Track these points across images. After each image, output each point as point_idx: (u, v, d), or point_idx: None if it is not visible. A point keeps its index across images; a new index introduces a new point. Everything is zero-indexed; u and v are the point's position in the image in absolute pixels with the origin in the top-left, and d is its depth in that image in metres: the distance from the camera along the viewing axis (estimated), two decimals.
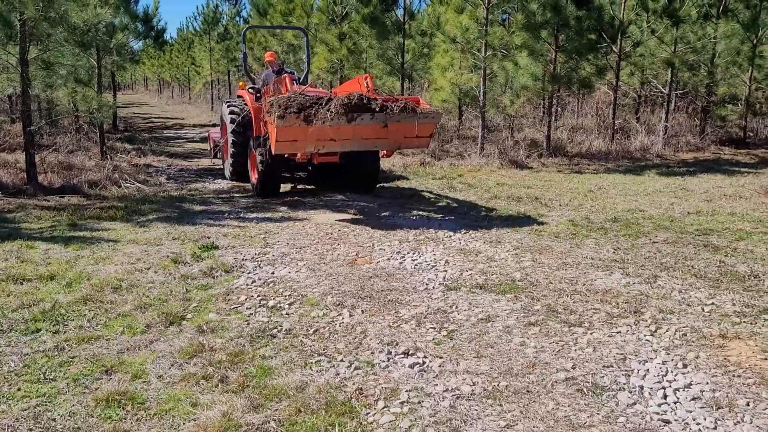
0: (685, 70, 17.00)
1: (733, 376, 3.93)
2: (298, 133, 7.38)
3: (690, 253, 6.73)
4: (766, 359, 4.18)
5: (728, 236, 7.45)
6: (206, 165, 13.72)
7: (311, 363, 4.08)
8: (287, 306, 5.10)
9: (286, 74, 9.85)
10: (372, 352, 4.26)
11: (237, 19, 34.73)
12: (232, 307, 5.07)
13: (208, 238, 7.17)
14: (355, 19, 17.64)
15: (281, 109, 7.22)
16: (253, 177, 9.91)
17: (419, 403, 3.59)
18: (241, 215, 8.51)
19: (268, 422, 3.34)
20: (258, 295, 5.32)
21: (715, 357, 4.21)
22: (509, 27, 15.75)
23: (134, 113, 32.06)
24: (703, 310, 5.05)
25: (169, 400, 3.59)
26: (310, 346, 4.34)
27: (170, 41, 44.45)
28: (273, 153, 8.02)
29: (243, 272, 5.96)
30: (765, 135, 18.52)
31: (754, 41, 16.09)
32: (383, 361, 4.13)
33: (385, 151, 8.69)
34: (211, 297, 5.28)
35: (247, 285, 5.59)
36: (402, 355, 4.21)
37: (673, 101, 18.01)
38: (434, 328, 4.67)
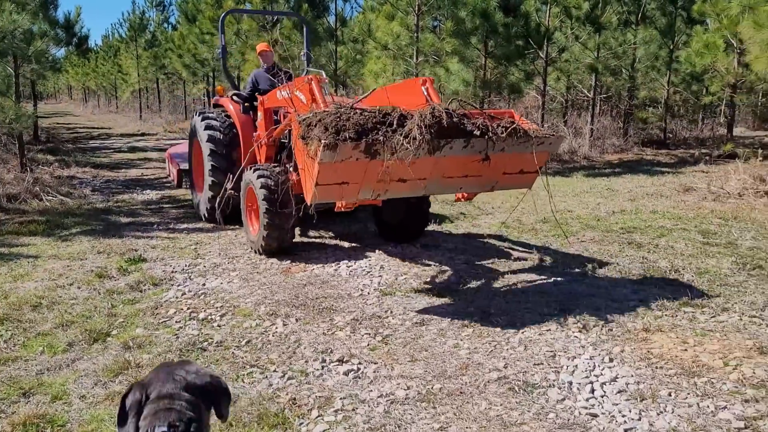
0: (608, 75, 17.66)
1: (656, 368, 4.08)
2: (353, 171, 4.61)
3: (615, 250, 6.97)
4: (686, 350, 4.36)
5: (650, 233, 7.76)
6: (135, 175, 13.29)
7: (243, 375, 3.99)
8: (219, 318, 4.97)
9: (312, 75, 5.92)
10: (306, 361, 4.20)
11: (165, 25, 34.00)
12: (161, 321, 4.91)
13: (136, 250, 6.93)
14: (286, 26, 17.51)
15: (329, 133, 4.38)
16: (252, 226, 6.87)
17: (353, 410, 3.56)
18: (171, 226, 8.27)
19: None
20: (188, 308, 5.17)
21: (639, 350, 4.35)
22: (440, 34, 15.99)
23: (58, 123, 30.77)
24: (628, 305, 5.23)
25: (91, 421, 3.44)
26: (242, 358, 4.24)
27: (95, 48, 43.03)
28: (309, 202, 4.86)
29: (172, 285, 5.78)
30: (683, 136, 19.45)
31: (671, 47, 16.88)
32: (317, 369, 4.08)
33: (465, 194, 5.78)
34: (138, 311, 5.10)
35: (176, 298, 5.43)
36: (336, 363, 4.17)
37: (598, 105, 18.67)
38: (369, 334, 4.65)
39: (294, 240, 6.83)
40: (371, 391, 3.79)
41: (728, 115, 17.29)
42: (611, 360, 4.18)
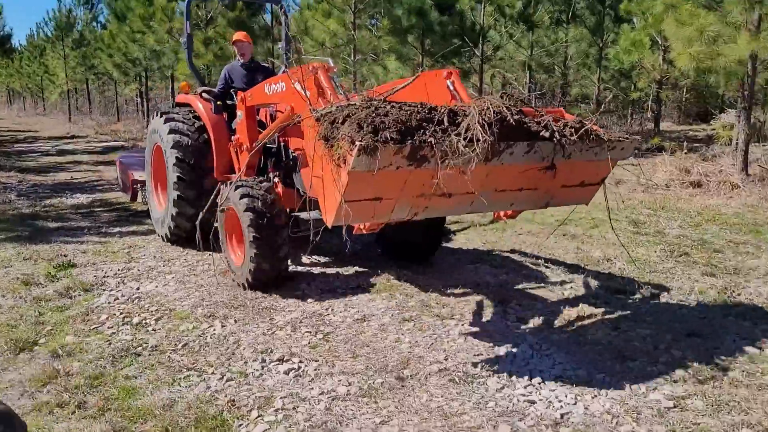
0: (541, 72, 18.12)
1: (591, 353, 4.19)
2: (390, 183, 3.57)
3: (551, 242, 7.14)
4: (619, 335, 4.50)
5: (584, 225, 7.99)
6: (64, 179, 12.78)
7: (180, 379, 3.88)
8: (154, 322, 4.82)
9: (317, 63, 4.66)
10: (245, 362, 4.12)
11: (94, 24, 32.82)
12: (92, 327, 4.73)
13: (65, 256, 6.66)
14: (220, 24, 17.20)
15: (364, 132, 3.36)
16: (234, 253, 5.70)
17: (294, 408, 3.51)
18: (103, 230, 7.98)
19: None
20: (121, 313, 4.99)
21: (575, 338, 4.47)
22: (377, 32, 16.03)
23: None
24: (563, 294, 5.37)
25: None
26: (179, 362, 4.13)
27: (19, 48, 41.17)
28: (331, 224, 3.70)
29: (104, 290, 5.58)
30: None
31: (600, 45, 17.44)
32: (257, 369, 4.01)
33: (509, 212, 4.61)
34: (67, 319, 4.89)
35: (108, 303, 5.24)
36: (277, 362, 4.11)
37: (533, 102, 19.13)
38: (310, 332, 4.60)
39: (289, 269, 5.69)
40: (312, 388, 3.75)
41: (655, 110, 18.01)
42: (548, 348, 4.27)
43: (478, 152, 3.42)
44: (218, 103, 6.65)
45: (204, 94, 6.84)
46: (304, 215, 5.55)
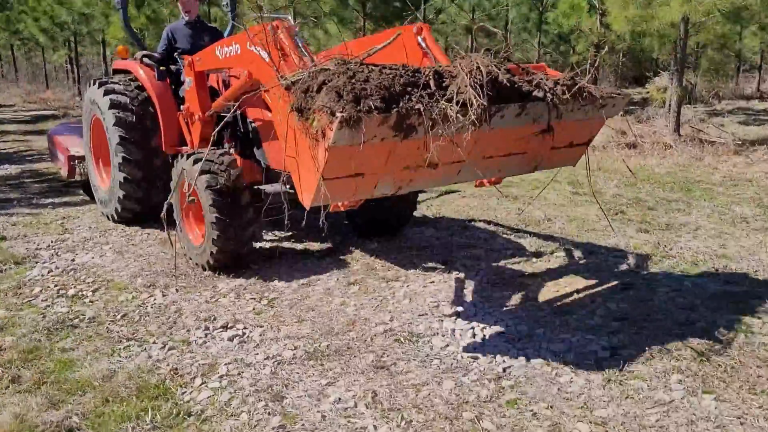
0: (483, 37, 18.16)
1: (532, 309, 4.30)
2: (373, 157, 3.27)
3: (494, 204, 7.24)
4: (558, 291, 4.62)
5: (526, 187, 8.13)
6: None
7: (120, 349, 3.79)
8: (91, 293, 4.68)
9: (276, 22, 4.09)
10: (188, 330, 4.05)
11: None
12: (25, 300, 4.55)
13: None
14: None
15: (344, 101, 2.98)
16: (191, 233, 5.26)
17: (239, 374, 3.48)
18: (34, 201, 7.64)
19: (70, 417, 3.04)
20: (56, 285, 4.82)
21: (517, 294, 4.57)
22: None
23: None
24: (506, 253, 5.47)
25: None
26: (118, 332, 4.02)
27: None
28: (308, 204, 3.36)
29: (37, 262, 5.36)
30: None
31: (540, 8, 17.58)
32: (200, 337, 3.94)
33: (493, 179, 4.28)
34: None
35: (42, 276, 5.04)
36: (221, 329, 4.05)
37: None
38: (254, 299, 4.55)
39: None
40: (257, 354, 3.72)
41: (593, 73, 18.34)
42: (490, 305, 4.36)
43: (474, 118, 3.10)
44: (161, 68, 6.09)
45: (145, 59, 6.21)
46: (268, 188, 5.09)
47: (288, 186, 4.70)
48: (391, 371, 3.49)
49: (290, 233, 6.10)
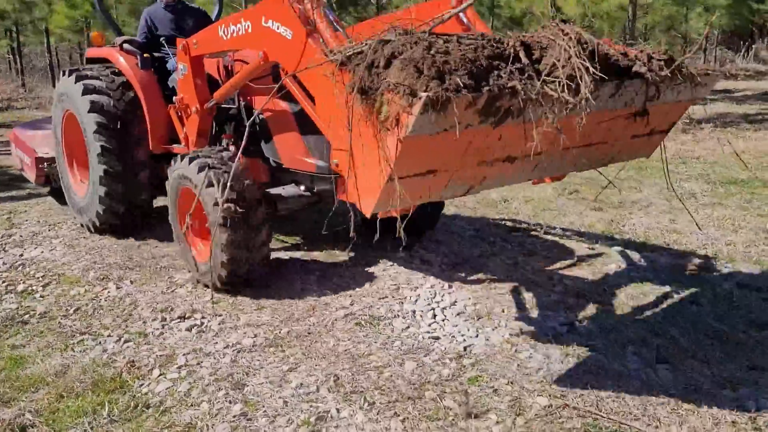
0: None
1: (491, 289, 4.34)
2: (449, 148, 2.68)
3: None
4: (516, 269, 4.68)
5: None
6: None
7: (73, 344, 3.68)
8: (41, 288, 4.53)
9: None
10: (144, 322, 3.96)
11: None
12: None
13: None
14: None
15: (427, 77, 2.39)
16: (195, 247, 4.56)
17: (198, 364, 3.43)
18: None
19: (23, 415, 2.95)
20: (3, 281, 4.65)
21: (476, 275, 4.60)
22: None
23: None
24: (465, 236, 5.51)
25: None
26: (71, 327, 3.91)
27: None
28: (370, 212, 2.82)
29: None
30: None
31: None
32: (157, 329, 3.86)
33: (555, 175, 3.70)
34: None
35: None
36: (178, 320, 3.98)
37: None
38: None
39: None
40: (217, 343, 3.67)
41: None
42: (450, 286, 4.39)
43: (588, 98, 2.51)
44: (145, 55, 5.37)
45: (126, 45, 5.48)
46: (283, 191, 4.51)
47: (302, 187, 4.43)
48: (352, 354, 3.48)
49: None
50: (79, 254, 5.25)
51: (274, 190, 4.51)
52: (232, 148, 4.61)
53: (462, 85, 2.39)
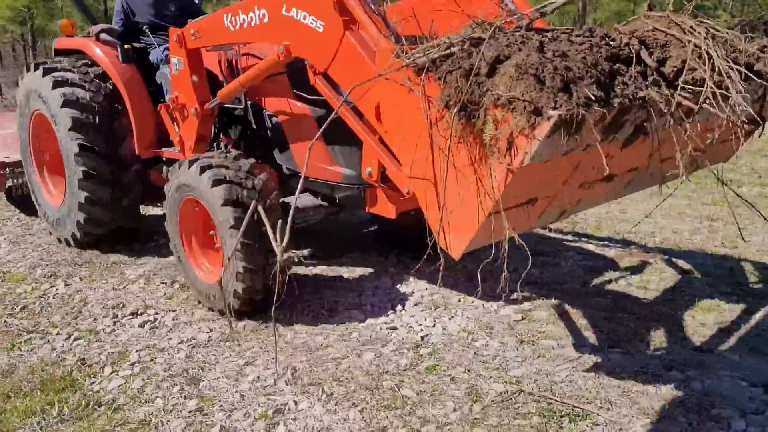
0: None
1: (446, 278, 4.37)
2: (558, 173, 2.36)
3: None
4: (471, 260, 4.72)
5: None
6: None
7: (20, 343, 3.56)
8: None
9: None
10: (95, 319, 3.86)
11: None
12: None
13: None
14: None
15: (553, 88, 1.92)
16: (199, 267, 4.00)
17: (152, 360, 3.36)
18: None
19: None
20: None
21: (432, 265, 4.62)
22: None
23: None
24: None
25: None
26: (18, 326, 3.78)
27: None
28: (461, 250, 2.55)
29: None
30: None
31: None
32: (108, 326, 3.77)
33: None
34: None
35: None
36: (130, 316, 3.89)
37: None
38: (165, 284, 4.40)
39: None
40: (171, 338, 3.60)
41: None
42: (408, 278, 4.40)
43: (745, 108, 2.09)
44: (126, 47, 4.71)
45: (103, 35, 4.81)
46: (299, 200, 3.77)
47: (319, 197, 3.96)
48: (310, 347, 3.47)
49: None
50: (25, 251, 5.08)
51: (287, 199, 3.86)
52: (233, 152, 3.97)
53: (593, 97, 1.95)
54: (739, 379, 3.05)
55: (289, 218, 2.55)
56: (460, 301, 4.02)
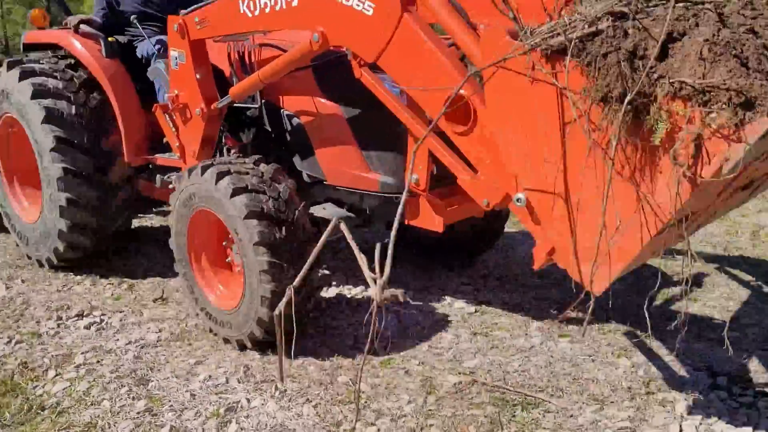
0: None
1: (403, 274, 4.39)
2: (724, 182, 1.73)
3: None
4: (425, 257, 4.75)
5: None
6: None
7: None
8: None
9: None
10: (38, 322, 3.73)
11: None
12: None
13: None
14: None
15: (761, 73, 1.54)
16: (212, 291, 3.46)
17: (98, 362, 3.26)
18: None
19: None
20: None
21: (385, 260, 4.62)
22: None
23: None
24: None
25: None
26: None
27: None
28: (606, 284, 2.03)
29: None
30: None
31: None
32: (52, 328, 3.65)
33: None
34: None
35: None
36: (75, 318, 3.78)
37: None
38: (112, 284, 4.28)
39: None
40: (118, 340, 3.50)
41: None
42: (361, 274, 4.38)
43: None
44: (110, 39, 4.24)
45: (83, 26, 4.26)
46: (323, 211, 3.53)
47: (345, 207, 3.53)
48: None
49: (149, 218, 5.77)
50: None
51: (314, 211, 3.47)
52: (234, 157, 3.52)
53: None
54: (685, 364, 3.14)
55: (391, 242, 2.12)
56: (414, 295, 4.02)
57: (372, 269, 2.19)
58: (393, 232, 2.17)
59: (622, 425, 2.67)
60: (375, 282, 2.14)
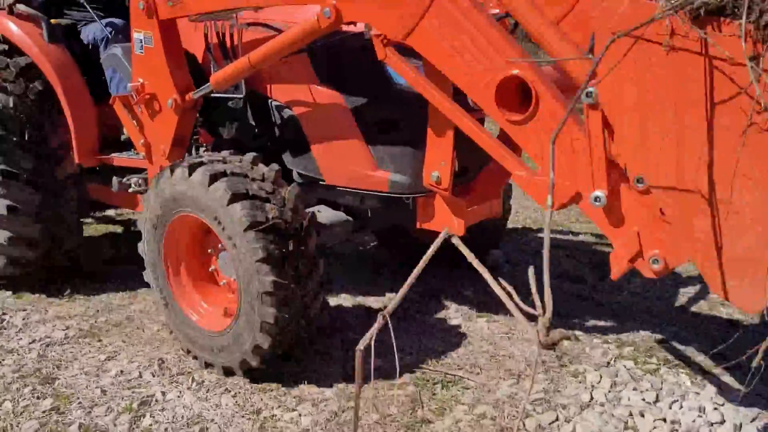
0: None
1: (360, 270, 4.36)
2: None
3: None
4: (376, 252, 4.75)
5: None
6: None
7: None
8: None
9: None
10: None
11: None
12: None
13: None
14: None
15: None
16: (196, 311, 2.99)
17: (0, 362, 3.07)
18: None
19: None
20: None
21: (350, 261, 4.59)
22: None
23: None
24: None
25: None
26: None
27: None
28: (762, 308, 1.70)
29: None
30: None
31: None
32: None
33: None
34: None
35: None
36: None
37: None
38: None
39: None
40: (21, 339, 3.32)
41: None
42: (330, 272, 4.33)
43: None
44: (53, 21, 3.71)
45: (20, 7, 3.67)
46: (324, 215, 3.13)
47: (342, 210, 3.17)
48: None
49: None
50: None
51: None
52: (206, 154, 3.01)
53: None
54: (596, 338, 3.28)
55: (545, 270, 1.78)
56: (370, 291, 3.95)
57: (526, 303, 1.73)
58: (545, 253, 1.82)
59: (537, 397, 2.76)
60: (535, 319, 1.75)
